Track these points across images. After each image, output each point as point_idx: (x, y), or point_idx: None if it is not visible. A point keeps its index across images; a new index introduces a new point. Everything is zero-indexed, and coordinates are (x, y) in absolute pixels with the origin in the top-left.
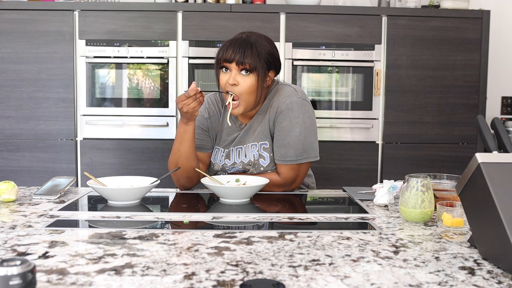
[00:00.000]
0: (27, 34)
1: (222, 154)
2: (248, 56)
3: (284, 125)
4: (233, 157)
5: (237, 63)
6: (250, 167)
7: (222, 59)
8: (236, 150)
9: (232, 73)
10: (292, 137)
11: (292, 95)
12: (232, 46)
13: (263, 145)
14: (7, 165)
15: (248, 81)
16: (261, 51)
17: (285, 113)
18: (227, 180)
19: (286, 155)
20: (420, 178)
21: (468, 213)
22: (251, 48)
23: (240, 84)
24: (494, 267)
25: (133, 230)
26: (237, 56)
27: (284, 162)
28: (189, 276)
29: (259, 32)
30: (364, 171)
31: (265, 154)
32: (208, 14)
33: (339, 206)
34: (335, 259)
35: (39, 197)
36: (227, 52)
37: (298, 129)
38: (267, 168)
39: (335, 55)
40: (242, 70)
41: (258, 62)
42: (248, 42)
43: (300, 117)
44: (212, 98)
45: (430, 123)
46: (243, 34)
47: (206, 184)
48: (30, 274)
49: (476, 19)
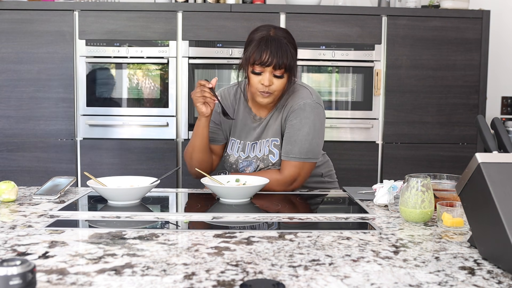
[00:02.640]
0: (27, 34)
1: (238, 146)
2: (284, 60)
3: (294, 123)
4: (248, 151)
5: (273, 67)
6: (261, 162)
7: (257, 62)
8: (252, 145)
9: (266, 75)
10: (300, 136)
11: (306, 97)
12: (268, 50)
13: (274, 142)
14: (7, 165)
15: (282, 82)
16: (293, 51)
17: (297, 112)
18: (227, 180)
19: (291, 151)
20: (420, 178)
21: (468, 213)
22: (286, 50)
23: (274, 83)
24: (494, 267)
25: (133, 230)
26: (274, 60)
27: (287, 158)
28: (189, 276)
29: (277, 26)
30: (364, 171)
31: (275, 151)
32: (208, 14)
33: (339, 206)
34: (335, 259)
35: (39, 197)
36: (262, 56)
37: (307, 129)
38: (275, 164)
39: (335, 55)
40: (277, 72)
41: (292, 63)
42: (281, 43)
43: (311, 118)
44: (225, 92)
45: (430, 123)
46: (270, 31)
47: (206, 184)
48: (30, 274)
49: (476, 19)
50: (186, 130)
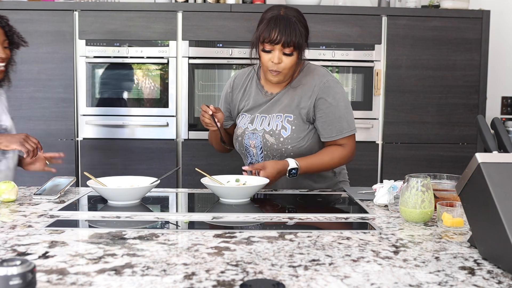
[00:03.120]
0: (27, 34)
1: (247, 120)
2: (292, 38)
3: (330, 101)
4: (256, 123)
5: (282, 45)
6: (269, 136)
7: (266, 40)
8: (260, 118)
9: (276, 53)
10: (341, 111)
11: (326, 74)
12: (277, 28)
13: (287, 118)
14: None
15: (291, 59)
16: (303, 29)
17: (325, 91)
18: (227, 180)
19: (342, 128)
20: (420, 178)
21: (468, 213)
22: (295, 28)
23: (283, 61)
24: (494, 267)
25: (133, 230)
26: (283, 38)
27: (342, 135)
28: (189, 276)
29: (288, 6)
30: (364, 171)
31: (287, 126)
32: (208, 14)
33: (339, 206)
34: (335, 259)
35: (39, 197)
36: (271, 34)
37: (342, 103)
38: (286, 139)
39: (335, 55)
40: (286, 49)
41: (301, 41)
42: (290, 22)
43: (340, 93)
44: (242, 72)
45: (430, 123)
46: (280, 11)
47: (206, 184)
48: (30, 274)
49: (476, 19)
50: (186, 130)
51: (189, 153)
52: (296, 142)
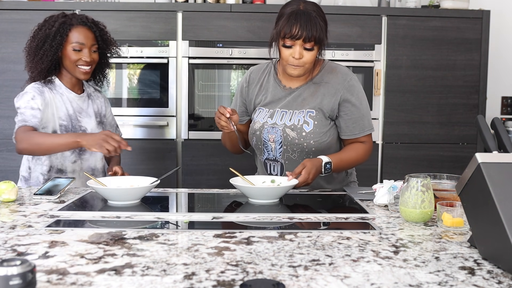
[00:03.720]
0: (27, 34)
1: (266, 114)
2: (314, 33)
3: (354, 101)
4: (276, 118)
5: (303, 40)
6: (290, 131)
7: (287, 36)
8: (281, 112)
9: (296, 48)
10: (363, 110)
11: (349, 73)
12: (297, 23)
13: (309, 113)
14: (7, 165)
15: (312, 54)
16: (323, 24)
17: (350, 90)
18: (262, 181)
19: (364, 127)
20: (420, 178)
21: (468, 213)
22: (316, 23)
23: (304, 56)
24: (494, 267)
25: (133, 230)
26: (304, 33)
27: (363, 133)
28: (189, 276)
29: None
30: (364, 171)
31: (309, 121)
32: (208, 14)
33: (339, 206)
34: (335, 259)
35: (39, 197)
36: (292, 29)
37: (364, 102)
38: (309, 134)
39: (335, 55)
40: (307, 44)
41: (322, 36)
42: (310, 17)
43: (361, 91)
44: (259, 67)
45: (430, 123)
46: (299, 5)
47: (235, 185)
48: (30, 274)
49: (476, 19)
50: (186, 130)
51: (189, 153)
52: (318, 137)
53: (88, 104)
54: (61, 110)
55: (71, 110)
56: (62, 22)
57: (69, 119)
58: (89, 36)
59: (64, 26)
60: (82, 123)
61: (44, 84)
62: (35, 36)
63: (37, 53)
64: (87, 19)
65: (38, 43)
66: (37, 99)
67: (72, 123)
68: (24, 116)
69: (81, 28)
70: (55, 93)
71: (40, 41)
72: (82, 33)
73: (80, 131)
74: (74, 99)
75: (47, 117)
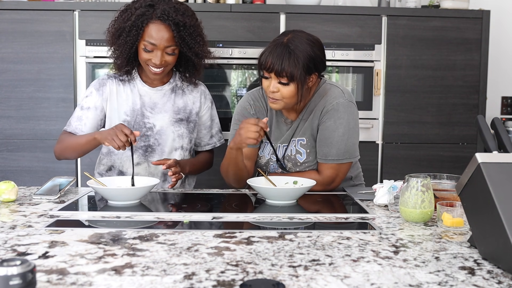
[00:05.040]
0: (27, 34)
1: (270, 149)
2: (285, 67)
3: (328, 124)
4: (279, 153)
5: (275, 73)
6: (287, 161)
7: (262, 67)
8: (283, 147)
9: (271, 81)
10: (336, 137)
11: (339, 96)
12: (271, 55)
13: (300, 141)
14: (7, 165)
15: (288, 89)
16: (300, 59)
17: (330, 113)
18: (285, 182)
19: (328, 154)
20: (420, 178)
21: (468, 213)
22: (289, 57)
23: (280, 91)
24: (494, 267)
25: (133, 230)
26: (275, 67)
27: (325, 161)
28: (189, 276)
29: (302, 32)
30: (364, 171)
31: (301, 150)
32: (208, 14)
33: (339, 206)
34: (335, 259)
35: (39, 197)
36: (266, 61)
37: (342, 129)
38: (303, 163)
39: (335, 55)
40: (281, 79)
41: (296, 72)
42: (287, 50)
43: (345, 118)
44: (255, 94)
45: (430, 123)
46: (284, 37)
47: (253, 186)
48: (30, 274)
49: (476, 19)
50: None
51: None
52: (313, 163)
53: (169, 99)
54: (127, 104)
55: (138, 104)
56: (141, 14)
57: (134, 115)
58: (164, 37)
59: (141, 19)
60: (150, 119)
61: (115, 75)
62: (117, 20)
63: (115, 43)
64: (168, 14)
65: (115, 32)
66: (91, 96)
67: (136, 119)
68: (71, 118)
69: (159, 25)
70: (126, 85)
71: (117, 30)
72: (158, 31)
73: (145, 128)
74: (148, 92)
75: (110, 111)
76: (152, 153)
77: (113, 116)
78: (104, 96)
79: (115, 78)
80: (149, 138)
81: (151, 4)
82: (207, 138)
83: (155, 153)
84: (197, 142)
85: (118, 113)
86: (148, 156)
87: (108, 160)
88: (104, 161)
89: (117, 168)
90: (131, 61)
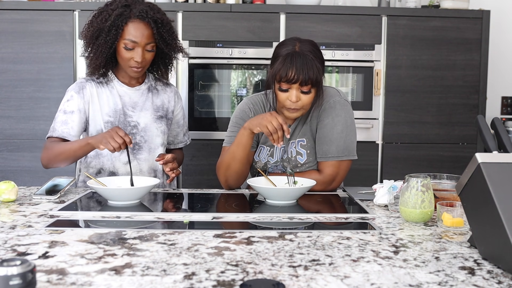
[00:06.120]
0: (27, 34)
1: (267, 153)
2: (310, 75)
3: (326, 122)
4: (276, 156)
5: (300, 83)
6: (287, 164)
7: (283, 80)
8: (280, 149)
9: (293, 91)
10: (334, 134)
11: (334, 95)
12: (293, 67)
13: (300, 142)
14: (7, 165)
15: (309, 97)
16: (319, 65)
17: (327, 111)
18: (285, 182)
19: (328, 151)
20: (420, 178)
21: (468, 213)
22: (312, 65)
23: (301, 99)
24: (494, 267)
25: (133, 230)
26: (301, 77)
27: (326, 159)
28: (189, 276)
29: (300, 38)
30: (364, 171)
31: (302, 151)
32: (208, 14)
33: (339, 206)
34: (335, 259)
35: (39, 197)
36: (288, 73)
37: (340, 126)
38: (304, 164)
39: (335, 55)
40: (304, 88)
41: (320, 78)
42: (306, 58)
43: (342, 116)
44: (255, 99)
45: (430, 123)
46: (293, 47)
47: (252, 185)
48: (30, 274)
49: (476, 19)
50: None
51: (189, 153)
52: (313, 164)
53: (147, 97)
54: (108, 105)
55: (119, 104)
56: (119, 14)
57: (116, 115)
58: (144, 34)
59: (120, 19)
60: (133, 117)
61: (92, 78)
62: (92, 22)
63: (92, 44)
64: (146, 13)
65: (93, 33)
66: (73, 100)
67: (119, 119)
68: (55, 123)
69: (138, 23)
70: (104, 87)
71: (95, 31)
72: (137, 29)
73: (130, 127)
74: (127, 92)
75: (93, 113)
76: (140, 150)
77: (96, 118)
78: (86, 98)
79: (93, 81)
80: (135, 136)
81: (127, 4)
82: (180, 136)
83: (142, 150)
84: (171, 140)
85: (101, 114)
86: (136, 153)
87: (97, 162)
88: (92, 164)
89: (107, 170)
90: (108, 62)
